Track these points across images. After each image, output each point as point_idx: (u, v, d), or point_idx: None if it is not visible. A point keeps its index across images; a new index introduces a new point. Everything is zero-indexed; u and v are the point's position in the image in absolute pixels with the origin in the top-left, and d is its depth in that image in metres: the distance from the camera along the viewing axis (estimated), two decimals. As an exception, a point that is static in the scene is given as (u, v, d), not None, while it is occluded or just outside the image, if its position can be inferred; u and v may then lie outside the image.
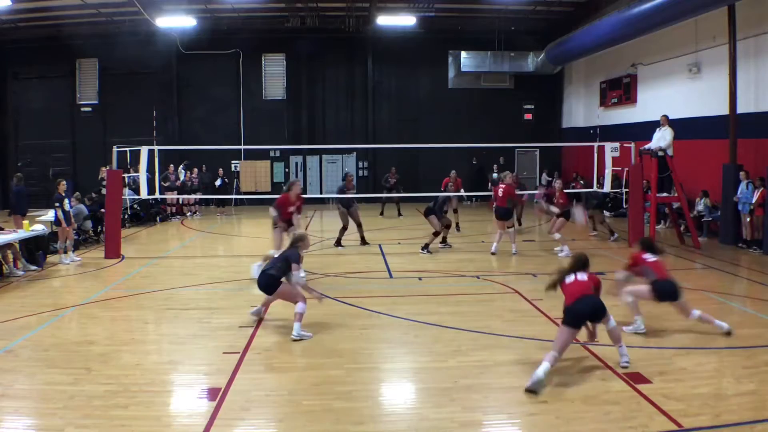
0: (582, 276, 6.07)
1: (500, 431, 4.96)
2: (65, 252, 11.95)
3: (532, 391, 5.40)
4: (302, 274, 7.16)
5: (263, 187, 23.34)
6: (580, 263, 6.20)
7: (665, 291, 6.89)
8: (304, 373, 6.00)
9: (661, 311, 8.20)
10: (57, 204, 11.72)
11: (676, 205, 14.44)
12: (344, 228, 13.50)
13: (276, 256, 7.97)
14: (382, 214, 19.57)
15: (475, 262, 11.79)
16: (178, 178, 19.74)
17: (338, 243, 13.49)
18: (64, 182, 12.12)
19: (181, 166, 20.48)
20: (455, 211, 15.78)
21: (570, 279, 6.07)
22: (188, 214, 20.07)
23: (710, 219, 14.55)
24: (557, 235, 12.49)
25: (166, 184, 18.92)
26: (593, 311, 5.87)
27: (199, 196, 20.09)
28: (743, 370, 5.93)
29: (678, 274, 10.41)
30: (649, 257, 7.12)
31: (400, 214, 19.06)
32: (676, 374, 5.81)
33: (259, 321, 7.69)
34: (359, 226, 13.66)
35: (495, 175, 22.40)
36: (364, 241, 13.75)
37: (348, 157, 24.23)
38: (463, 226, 16.53)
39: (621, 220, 17.08)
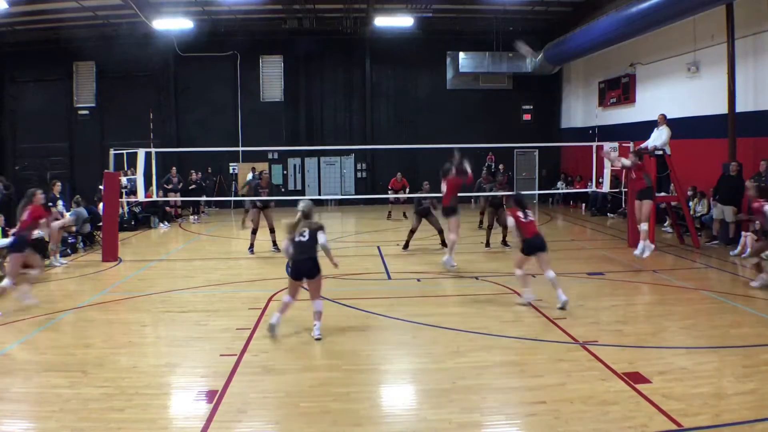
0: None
1: (499, 432, 4.93)
2: (54, 255, 11.89)
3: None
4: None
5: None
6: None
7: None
8: (301, 375, 5.96)
9: (662, 311, 8.20)
10: (51, 204, 11.67)
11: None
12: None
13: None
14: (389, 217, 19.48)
15: (473, 263, 11.75)
16: (181, 181, 19.69)
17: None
18: (59, 183, 12.10)
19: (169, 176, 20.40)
20: (481, 213, 16.67)
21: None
22: (189, 217, 20.00)
23: (710, 218, 14.47)
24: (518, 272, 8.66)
25: (170, 187, 18.89)
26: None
27: (198, 198, 20.02)
28: (743, 369, 5.90)
29: (678, 274, 10.48)
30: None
31: (404, 216, 18.96)
32: (676, 374, 5.78)
33: (257, 323, 7.66)
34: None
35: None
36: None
37: (346, 159, 24.18)
38: (463, 226, 16.45)
39: (621, 221, 17.07)
